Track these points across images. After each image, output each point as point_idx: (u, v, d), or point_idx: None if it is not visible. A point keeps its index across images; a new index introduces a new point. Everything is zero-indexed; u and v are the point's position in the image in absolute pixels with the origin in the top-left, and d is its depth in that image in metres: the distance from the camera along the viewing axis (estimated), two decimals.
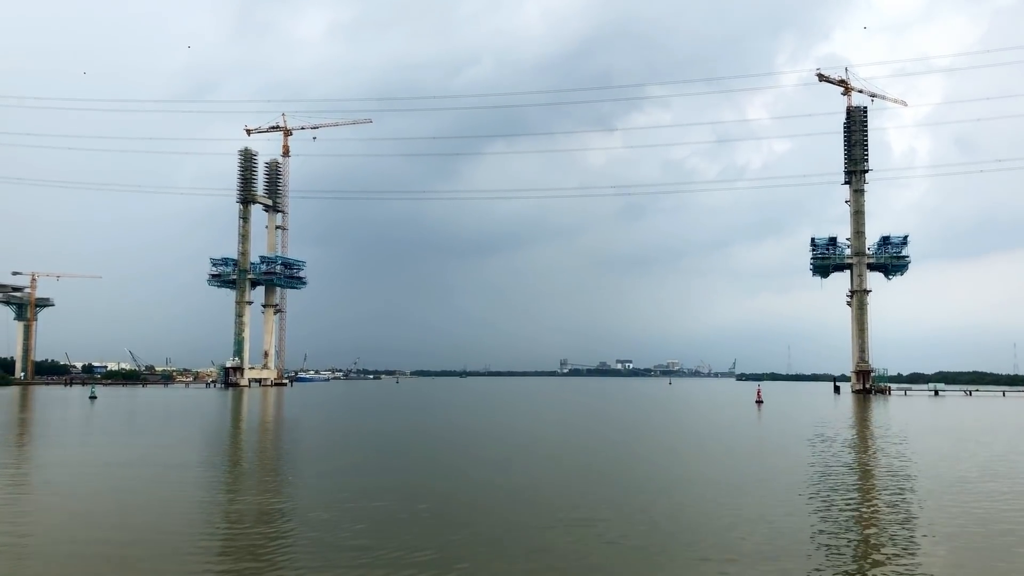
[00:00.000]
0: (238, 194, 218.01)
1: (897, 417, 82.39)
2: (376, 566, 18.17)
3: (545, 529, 22.33)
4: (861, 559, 19.26)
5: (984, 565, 18.78)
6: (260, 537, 21.35)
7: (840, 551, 19.85)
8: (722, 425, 70.17)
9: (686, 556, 19.49)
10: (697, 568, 18.41)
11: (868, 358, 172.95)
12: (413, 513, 24.32)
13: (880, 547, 20.40)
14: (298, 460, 40.72)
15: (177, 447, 46.71)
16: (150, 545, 20.32)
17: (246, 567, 18.35)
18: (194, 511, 25.13)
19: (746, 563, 18.53)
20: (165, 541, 20.71)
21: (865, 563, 18.83)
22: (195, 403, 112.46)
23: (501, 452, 44.52)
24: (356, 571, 17.82)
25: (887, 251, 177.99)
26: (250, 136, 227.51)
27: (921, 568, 18.23)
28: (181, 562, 18.67)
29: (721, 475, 33.98)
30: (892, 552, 19.82)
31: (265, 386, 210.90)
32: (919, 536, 21.69)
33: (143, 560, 18.90)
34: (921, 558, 19.23)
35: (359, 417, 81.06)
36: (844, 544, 20.62)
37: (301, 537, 21.18)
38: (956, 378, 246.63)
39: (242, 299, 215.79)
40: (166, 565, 18.43)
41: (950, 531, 22.34)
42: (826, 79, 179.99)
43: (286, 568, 18.14)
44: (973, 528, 22.68)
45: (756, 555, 19.26)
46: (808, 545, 20.36)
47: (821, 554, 19.45)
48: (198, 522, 23.47)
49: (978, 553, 19.88)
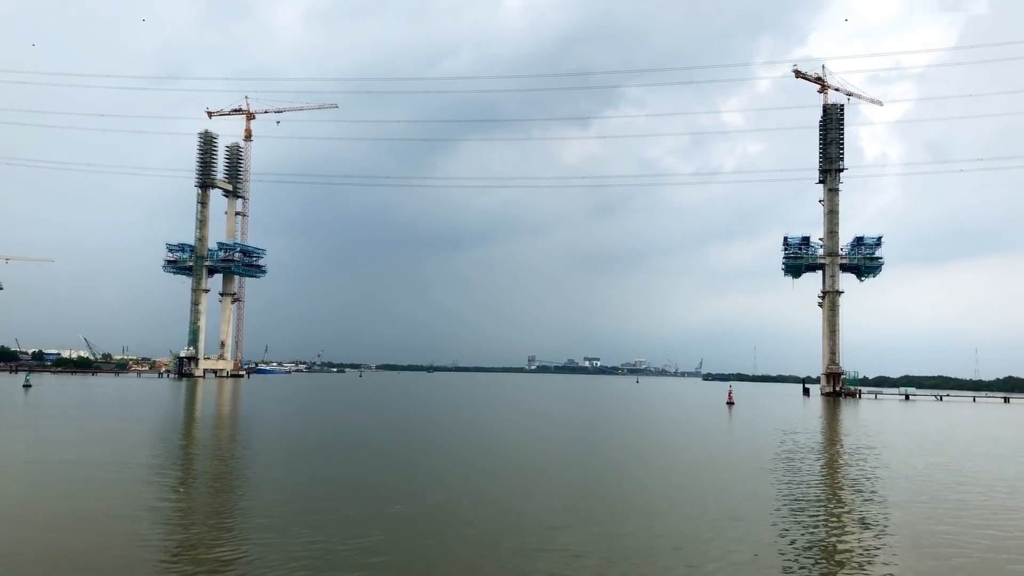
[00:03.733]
0: (196, 178, 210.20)
1: (879, 424, 78.45)
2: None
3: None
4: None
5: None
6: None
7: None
8: (695, 433, 65.77)
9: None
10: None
11: (839, 360, 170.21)
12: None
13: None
14: (202, 457, 35.38)
15: (86, 443, 41.18)
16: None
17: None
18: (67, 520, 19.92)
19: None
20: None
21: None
22: (141, 394, 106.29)
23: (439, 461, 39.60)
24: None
25: (860, 252, 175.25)
26: (212, 119, 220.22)
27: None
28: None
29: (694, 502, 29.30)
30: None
31: (221, 377, 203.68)
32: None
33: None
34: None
35: (292, 411, 75.66)
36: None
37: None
38: (921, 382, 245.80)
39: (198, 287, 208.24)
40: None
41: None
42: (803, 76, 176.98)
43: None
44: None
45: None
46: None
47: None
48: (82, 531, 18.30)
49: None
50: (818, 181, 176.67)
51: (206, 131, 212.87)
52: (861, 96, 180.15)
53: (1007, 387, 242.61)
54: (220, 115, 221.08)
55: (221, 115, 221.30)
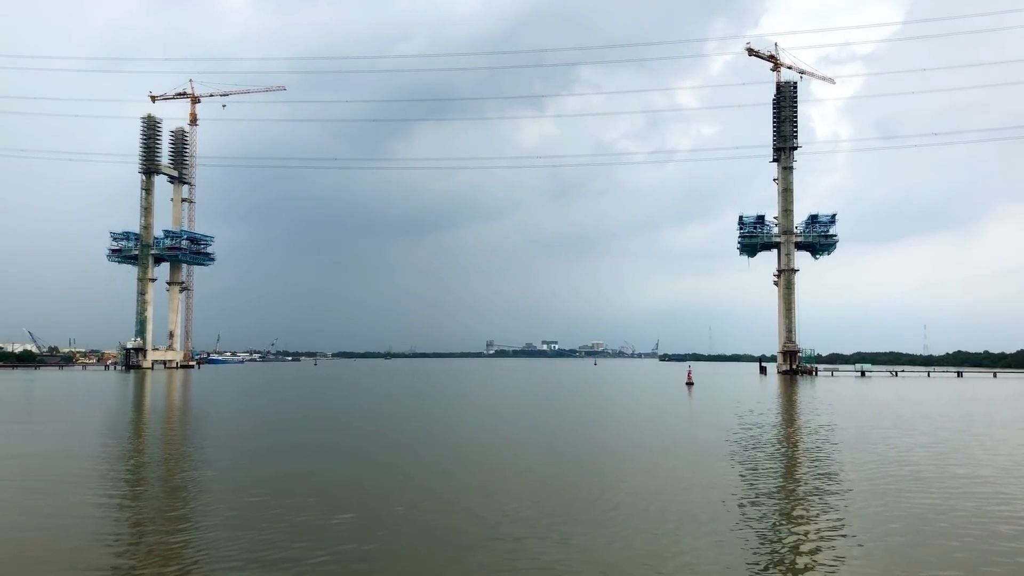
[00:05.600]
0: (140, 164, 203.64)
1: (841, 399, 77.67)
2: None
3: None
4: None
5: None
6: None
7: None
8: (658, 413, 64.16)
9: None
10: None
11: (795, 338, 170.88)
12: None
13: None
14: (116, 457, 32.50)
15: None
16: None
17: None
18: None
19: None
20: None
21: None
22: (85, 387, 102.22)
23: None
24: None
25: (815, 230, 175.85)
26: (155, 103, 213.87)
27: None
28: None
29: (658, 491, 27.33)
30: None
31: (171, 368, 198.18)
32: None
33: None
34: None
35: (236, 402, 72.51)
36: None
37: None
38: (874, 359, 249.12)
39: (144, 276, 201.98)
40: None
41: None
42: (756, 54, 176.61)
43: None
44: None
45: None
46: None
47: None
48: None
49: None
50: (772, 160, 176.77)
51: (149, 115, 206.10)
52: (814, 74, 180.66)
53: (956, 361, 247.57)
54: (164, 99, 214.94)
55: (165, 99, 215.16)
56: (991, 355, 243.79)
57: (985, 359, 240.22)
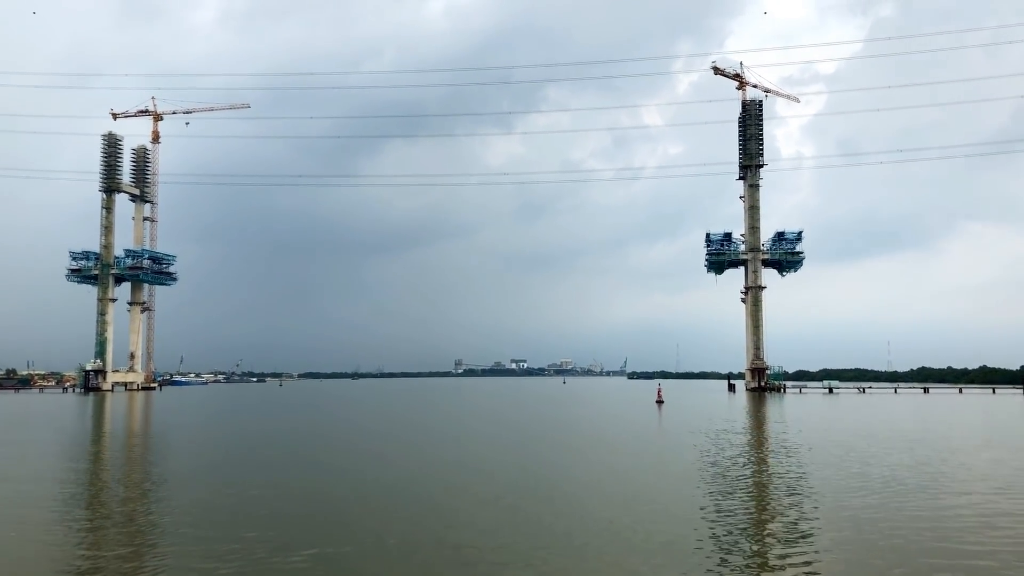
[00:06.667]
0: (101, 182, 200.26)
1: (814, 417, 77.28)
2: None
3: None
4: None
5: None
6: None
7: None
8: (632, 436, 63.15)
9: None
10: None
11: (763, 355, 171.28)
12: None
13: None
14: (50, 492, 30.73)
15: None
16: None
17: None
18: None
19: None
20: None
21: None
22: (38, 411, 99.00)
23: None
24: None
25: (782, 247, 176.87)
26: (116, 121, 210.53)
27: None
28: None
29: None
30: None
31: (131, 390, 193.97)
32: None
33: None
34: None
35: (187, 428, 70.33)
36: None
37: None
38: (840, 375, 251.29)
39: (105, 296, 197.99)
40: None
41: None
42: (722, 73, 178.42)
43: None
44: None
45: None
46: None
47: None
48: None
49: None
50: (739, 177, 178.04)
51: (110, 133, 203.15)
52: (779, 92, 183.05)
53: (921, 377, 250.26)
54: (125, 116, 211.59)
55: (126, 116, 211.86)
56: (954, 371, 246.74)
57: (948, 375, 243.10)
